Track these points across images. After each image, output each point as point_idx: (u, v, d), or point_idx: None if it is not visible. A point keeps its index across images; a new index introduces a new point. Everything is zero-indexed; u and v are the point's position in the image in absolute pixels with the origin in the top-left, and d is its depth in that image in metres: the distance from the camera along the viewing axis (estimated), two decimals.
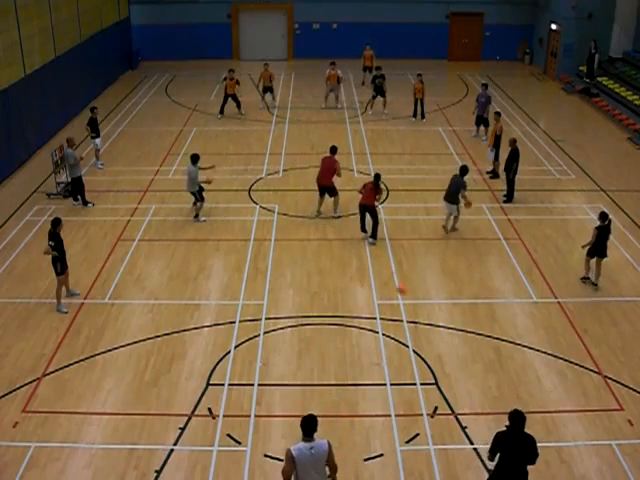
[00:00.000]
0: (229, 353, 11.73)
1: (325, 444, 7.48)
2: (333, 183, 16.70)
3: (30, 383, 10.99)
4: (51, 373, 11.25)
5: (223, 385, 10.95)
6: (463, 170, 15.95)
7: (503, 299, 13.48)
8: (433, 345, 11.98)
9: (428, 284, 14.00)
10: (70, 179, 17.57)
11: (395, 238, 15.76)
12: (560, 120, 25.47)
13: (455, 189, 15.66)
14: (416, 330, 12.39)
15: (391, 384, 10.98)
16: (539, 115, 25.80)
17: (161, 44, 33.31)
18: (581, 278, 14.06)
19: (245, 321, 12.64)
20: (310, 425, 7.42)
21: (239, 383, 11.00)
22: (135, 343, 12.04)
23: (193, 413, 10.36)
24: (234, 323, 12.58)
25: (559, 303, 13.32)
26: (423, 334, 12.29)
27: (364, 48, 29.18)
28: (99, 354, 11.74)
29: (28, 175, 19.48)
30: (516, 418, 7.91)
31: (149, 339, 12.14)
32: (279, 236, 15.84)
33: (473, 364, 11.50)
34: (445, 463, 9.46)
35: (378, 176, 15.51)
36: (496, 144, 19.12)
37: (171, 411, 10.43)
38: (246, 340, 12.10)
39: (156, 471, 9.30)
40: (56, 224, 12.82)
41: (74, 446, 9.72)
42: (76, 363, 11.50)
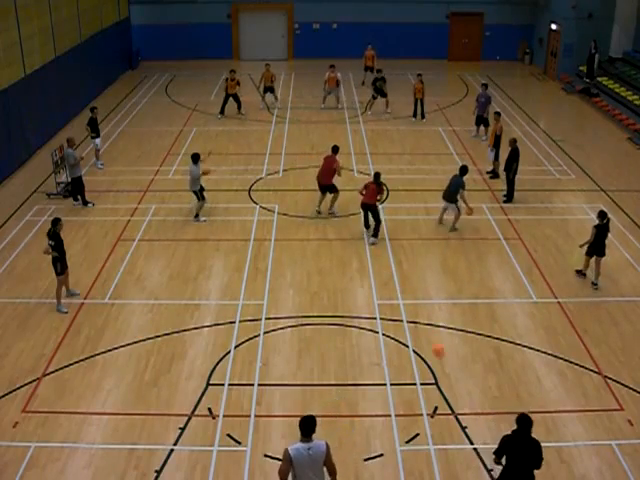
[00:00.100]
0: (229, 353, 11.73)
1: (323, 445, 7.45)
2: (333, 182, 16.72)
3: (30, 383, 10.99)
4: (51, 373, 11.25)
5: (223, 385, 10.95)
6: (463, 170, 16.04)
7: (503, 299, 13.48)
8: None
9: (428, 284, 14.00)
10: (70, 179, 17.58)
11: (395, 238, 15.76)
12: (560, 120, 25.46)
13: (454, 189, 15.77)
14: (416, 330, 12.39)
15: (391, 384, 10.98)
16: (539, 115, 25.79)
17: (161, 44, 33.32)
18: (576, 270, 14.15)
19: (245, 321, 12.64)
20: (309, 426, 7.39)
21: (239, 383, 11.00)
22: (135, 343, 12.04)
23: (193, 413, 10.36)
24: (234, 323, 12.58)
25: (559, 303, 13.32)
26: (423, 334, 12.29)
27: (366, 48, 29.18)
28: (99, 354, 11.74)
29: (28, 175, 19.48)
30: (523, 422, 7.92)
31: (149, 339, 12.14)
32: (279, 236, 15.84)
33: (473, 364, 11.50)
34: (445, 463, 9.46)
35: (378, 175, 15.53)
36: (496, 144, 19.12)
37: (171, 411, 10.43)
38: (246, 340, 12.10)
39: (156, 471, 9.30)
40: (56, 224, 12.82)
41: (74, 446, 9.72)
42: (76, 363, 11.50)
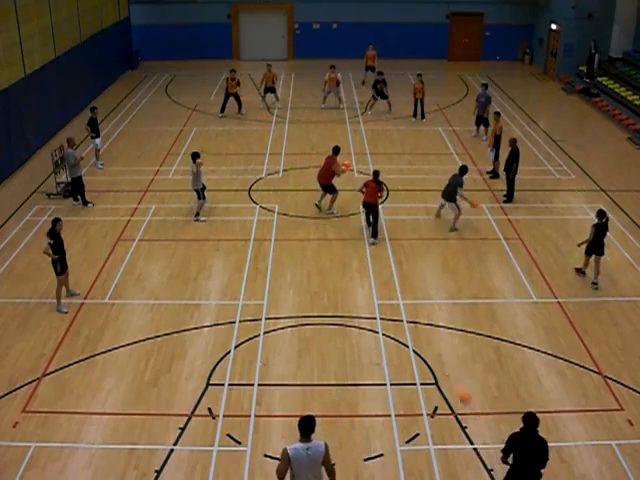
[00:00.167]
0: (229, 353, 11.72)
1: (322, 445, 7.43)
2: (332, 182, 16.75)
3: (30, 383, 10.98)
4: (51, 373, 11.25)
5: (223, 385, 10.95)
6: (462, 170, 16.09)
7: (503, 299, 13.48)
8: (433, 345, 11.98)
9: (428, 284, 14.00)
10: (70, 179, 17.58)
11: (395, 238, 15.76)
12: (560, 120, 25.46)
13: (452, 189, 15.88)
14: (416, 330, 12.39)
15: (391, 384, 10.98)
16: (539, 115, 25.79)
17: (161, 44, 33.31)
18: (575, 269, 14.20)
19: (245, 321, 12.63)
20: (308, 426, 7.37)
21: (239, 383, 11.00)
22: (135, 343, 12.04)
23: (193, 413, 10.36)
24: (234, 323, 12.58)
25: (559, 303, 13.32)
26: (423, 334, 12.29)
27: (367, 47, 29.20)
28: (99, 354, 11.74)
29: (28, 175, 19.48)
30: (530, 420, 7.96)
31: (149, 339, 12.14)
32: (279, 236, 15.84)
33: (473, 364, 11.50)
34: (445, 463, 9.46)
35: (377, 172, 15.59)
36: (496, 144, 19.12)
37: (171, 411, 10.43)
38: (246, 340, 12.09)
39: (156, 471, 9.30)
40: (55, 223, 12.82)
41: (74, 446, 9.72)
42: (76, 363, 11.50)
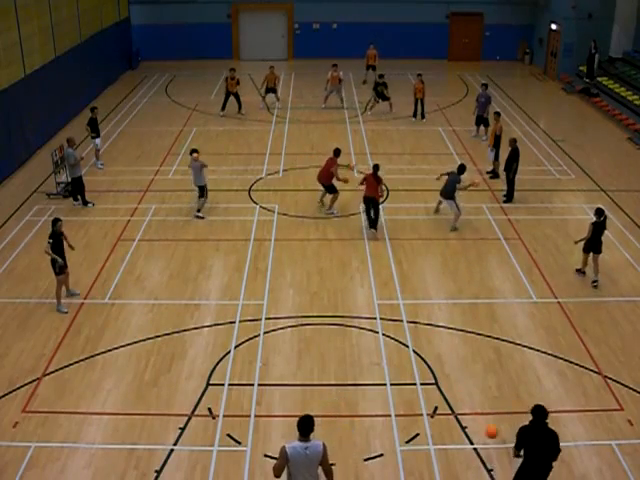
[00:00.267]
0: (229, 353, 11.72)
1: (320, 445, 7.43)
2: (332, 183, 16.76)
3: (30, 383, 10.98)
4: (51, 373, 11.25)
5: (223, 385, 10.95)
6: (461, 169, 16.15)
7: (503, 299, 13.48)
8: (433, 345, 11.98)
9: (428, 284, 14.00)
10: (70, 179, 17.58)
11: (395, 238, 15.76)
12: (560, 120, 25.46)
13: (451, 187, 15.95)
14: (416, 330, 12.39)
15: (391, 384, 10.98)
16: (539, 115, 25.79)
17: (161, 44, 33.31)
18: (576, 269, 14.25)
19: (245, 321, 12.63)
20: (307, 425, 7.36)
21: (239, 383, 11.00)
22: (135, 343, 12.04)
23: (193, 413, 10.36)
24: (234, 323, 12.58)
25: (559, 303, 13.32)
26: (423, 334, 12.29)
27: (368, 47, 29.22)
28: (99, 354, 11.74)
29: (28, 175, 19.48)
30: (539, 412, 8.02)
31: (149, 339, 12.14)
32: (279, 236, 15.84)
33: (473, 364, 11.50)
34: (445, 463, 9.46)
35: (377, 166, 15.67)
36: (496, 144, 19.12)
37: (171, 411, 10.43)
38: (246, 340, 12.09)
39: (156, 471, 9.30)
40: (55, 224, 12.82)
41: (74, 446, 9.72)
42: (76, 363, 11.50)
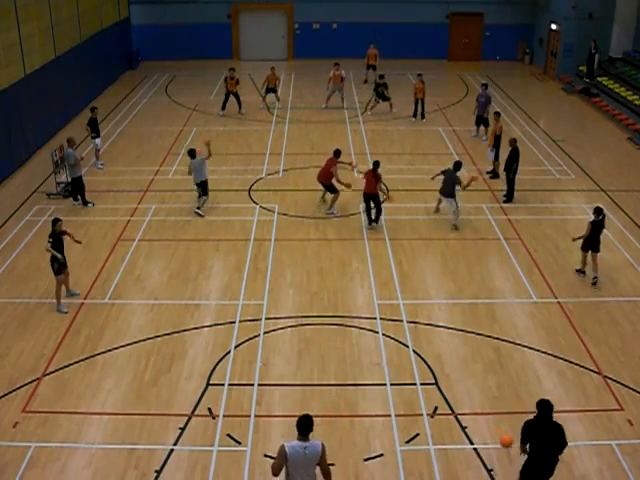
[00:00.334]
0: (229, 353, 11.72)
1: (319, 445, 7.42)
2: (332, 182, 16.78)
3: (30, 383, 10.98)
4: (51, 373, 11.25)
5: (223, 385, 10.95)
6: (456, 165, 16.19)
7: (503, 299, 13.47)
8: (433, 345, 11.98)
9: (428, 284, 14.00)
10: (70, 179, 17.58)
11: (395, 238, 15.76)
12: (560, 120, 25.45)
13: (451, 185, 16.02)
14: (416, 330, 12.39)
15: (391, 384, 10.98)
16: (539, 115, 25.79)
17: (161, 44, 33.31)
18: (576, 270, 14.24)
19: (245, 321, 12.63)
20: (306, 425, 7.36)
21: (239, 383, 11.00)
22: (135, 343, 12.04)
23: (193, 413, 10.36)
24: (234, 323, 12.58)
25: (559, 303, 13.32)
26: (423, 334, 12.29)
27: (368, 47, 29.23)
28: (99, 354, 11.74)
29: (28, 175, 19.48)
30: (544, 406, 8.05)
31: (149, 339, 12.14)
32: (279, 236, 15.84)
33: (473, 364, 11.50)
34: (445, 463, 9.46)
35: (377, 163, 15.76)
36: (496, 144, 19.12)
37: (171, 411, 10.43)
38: (246, 340, 12.09)
39: (156, 471, 9.30)
40: (55, 224, 12.82)
41: (74, 446, 9.72)
42: (76, 363, 11.50)
